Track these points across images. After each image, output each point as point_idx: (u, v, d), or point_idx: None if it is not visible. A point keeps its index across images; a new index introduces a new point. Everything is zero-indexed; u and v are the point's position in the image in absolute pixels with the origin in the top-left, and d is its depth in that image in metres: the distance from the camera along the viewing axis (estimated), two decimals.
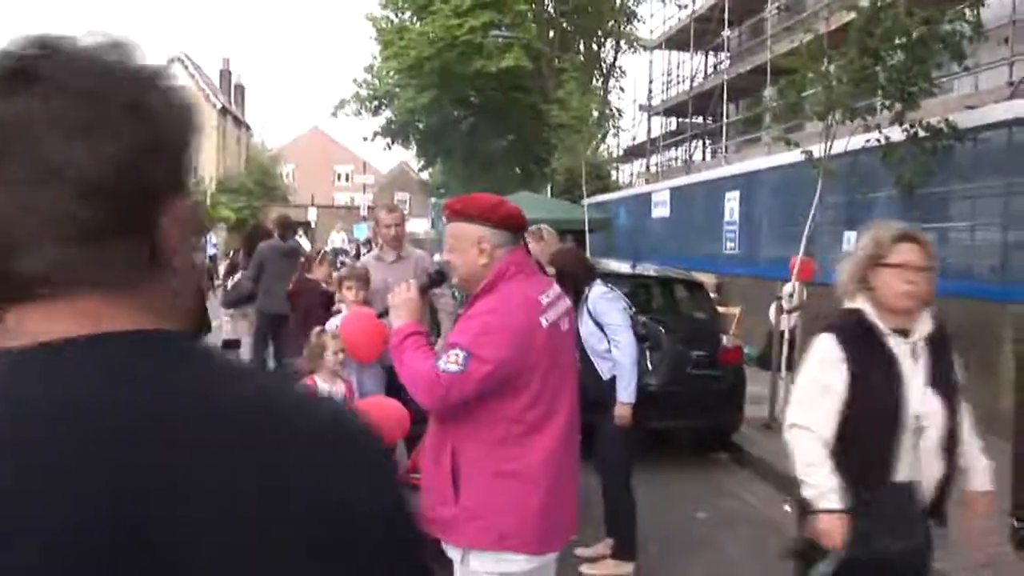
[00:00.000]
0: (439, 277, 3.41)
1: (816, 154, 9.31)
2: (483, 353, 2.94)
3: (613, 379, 5.65)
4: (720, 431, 8.67)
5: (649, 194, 23.10)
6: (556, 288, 3.30)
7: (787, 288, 9.29)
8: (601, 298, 5.78)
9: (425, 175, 50.41)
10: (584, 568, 5.75)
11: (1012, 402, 8.50)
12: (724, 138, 24.16)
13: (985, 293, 9.42)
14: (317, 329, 5.90)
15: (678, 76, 29.41)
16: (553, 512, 3.10)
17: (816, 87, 9.09)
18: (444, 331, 6.39)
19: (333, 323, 6.16)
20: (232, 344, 10.86)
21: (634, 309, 5.97)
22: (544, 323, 3.07)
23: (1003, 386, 8.97)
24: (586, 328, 5.73)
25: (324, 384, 5.64)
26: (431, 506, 3.12)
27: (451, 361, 2.95)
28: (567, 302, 3.31)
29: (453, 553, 3.12)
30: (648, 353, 5.88)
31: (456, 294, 7.07)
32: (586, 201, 20.81)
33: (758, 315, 12.71)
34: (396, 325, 3.24)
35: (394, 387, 6.39)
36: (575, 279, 5.80)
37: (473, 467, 3.05)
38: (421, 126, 34.98)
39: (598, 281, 5.93)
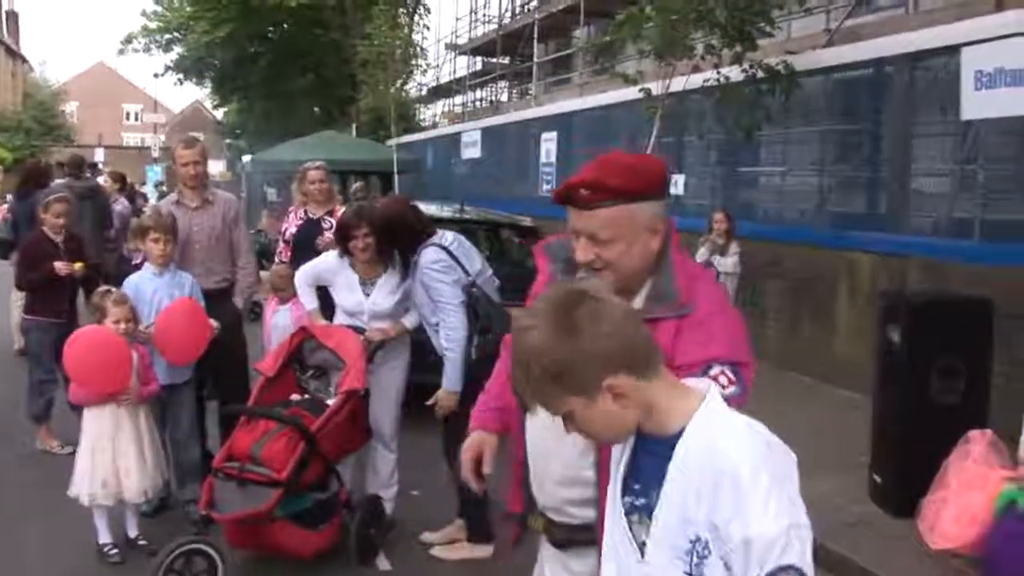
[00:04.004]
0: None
1: (655, 92, 8.83)
2: (747, 359, 2.24)
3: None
4: None
5: (459, 134, 22.41)
6: None
7: None
8: (432, 267, 4.79)
9: (220, 114, 48.26)
10: (437, 551, 5.10)
11: (846, 349, 8.39)
12: (534, 79, 23.69)
13: (819, 239, 9.26)
14: (101, 289, 4.94)
15: (485, 15, 28.73)
16: None
17: (657, 23, 8.54)
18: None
19: (133, 281, 5.19)
20: None
21: (482, 275, 5.02)
22: None
23: (838, 333, 8.85)
24: (419, 297, 4.93)
25: None
26: None
27: (729, 383, 2.16)
28: None
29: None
30: (475, 338, 4.80)
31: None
32: (393, 141, 19.85)
33: None
34: None
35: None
36: (412, 238, 4.91)
37: None
38: (216, 63, 32.98)
39: (433, 243, 4.89)
